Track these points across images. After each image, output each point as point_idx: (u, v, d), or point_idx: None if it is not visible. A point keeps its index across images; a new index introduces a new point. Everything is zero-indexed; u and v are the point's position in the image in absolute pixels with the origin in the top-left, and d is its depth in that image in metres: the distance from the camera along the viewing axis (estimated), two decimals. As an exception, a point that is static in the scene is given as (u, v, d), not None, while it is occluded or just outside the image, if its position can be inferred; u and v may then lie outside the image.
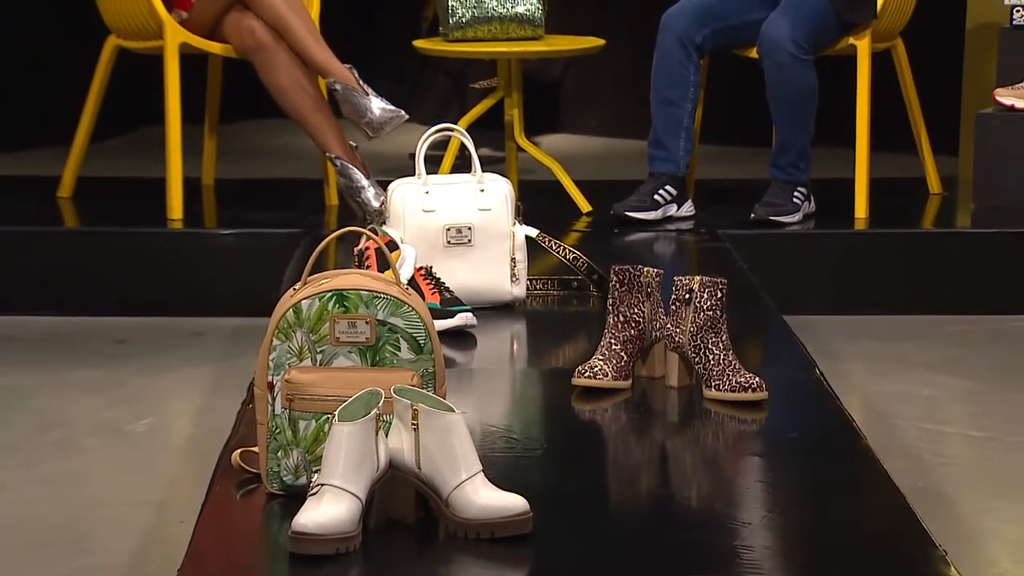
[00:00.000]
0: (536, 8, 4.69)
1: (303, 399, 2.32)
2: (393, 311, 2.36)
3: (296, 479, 2.33)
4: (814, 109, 4.43)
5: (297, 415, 2.33)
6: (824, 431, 2.73)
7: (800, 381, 2.99)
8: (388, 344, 2.36)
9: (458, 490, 2.19)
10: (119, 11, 4.55)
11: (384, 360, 2.36)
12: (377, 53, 5.78)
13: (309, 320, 2.35)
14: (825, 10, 4.40)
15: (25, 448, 3.42)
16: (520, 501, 2.20)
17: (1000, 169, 4.63)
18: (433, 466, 2.20)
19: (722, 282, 2.81)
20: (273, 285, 4.03)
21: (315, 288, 2.37)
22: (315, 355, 2.35)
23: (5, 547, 2.91)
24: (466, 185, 3.46)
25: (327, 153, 4.47)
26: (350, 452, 2.18)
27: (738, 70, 4.63)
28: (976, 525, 3.05)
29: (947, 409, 3.72)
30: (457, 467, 2.20)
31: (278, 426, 2.34)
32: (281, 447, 2.33)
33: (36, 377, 3.87)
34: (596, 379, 2.83)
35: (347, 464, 2.17)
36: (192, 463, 3.27)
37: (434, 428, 2.21)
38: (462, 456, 2.20)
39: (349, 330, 2.36)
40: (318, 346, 2.35)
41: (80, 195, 4.74)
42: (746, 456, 2.65)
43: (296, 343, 2.35)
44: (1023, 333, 4.23)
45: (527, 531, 2.18)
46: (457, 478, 2.20)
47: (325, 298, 2.35)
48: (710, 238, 4.35)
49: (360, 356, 2.36)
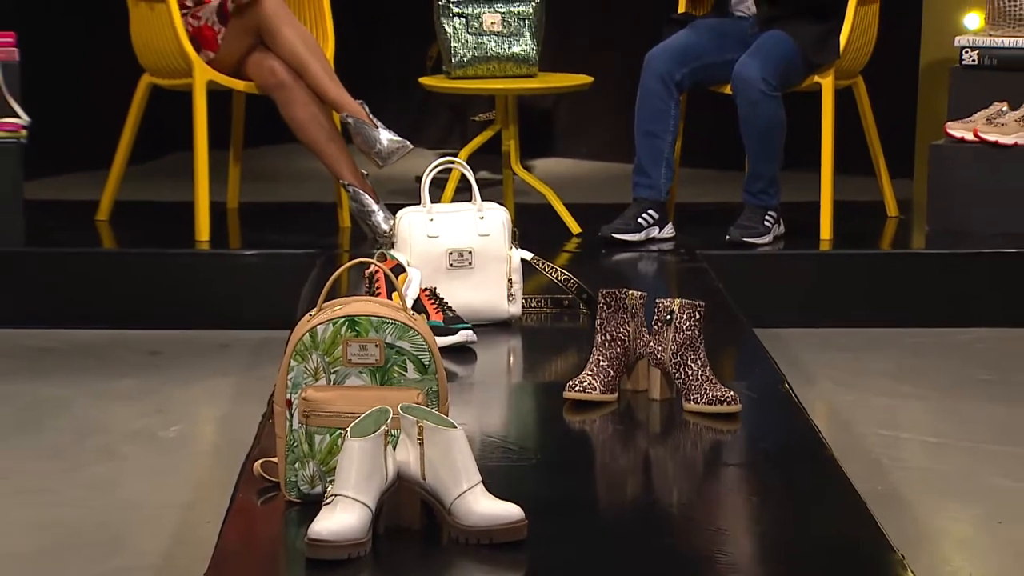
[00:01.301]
0: (531, 48, 4.69)
1: (318, 415, 2.32)
2: (400, 335, 2.35)
3: (312, 488, 2.31)
4: (782, 140, 4.43)
5: (313, 430, 2.32)
6: (792, 441, 2.71)
7: (771, 394, 2.97)
8: (396, 365, 2.35)
9: (459, 499, 2.18)
10: (152, 52, 4.55)
11: (392, 380, 2.35)
12: (386, 89, 5.77)
13: (324, 343, 2.34)
14: (792, 51, 4.40)
15: (66, 454, 3.40)
16: (516, 510, 2.19)
17: (951, 195, 4.61)
18: (437, 477, 2.20)
19: (700, 304, 2.80)
20: (292, 301, 4.03)
21: (329, 314, 2.35)
22: (329, 375, 2.35)
23: (47, 547, 2.90)
24: (467, 213, 3.45)
25: (340, 180, 4.46)
26: (361, 465, 2.17)
27: (715, 104, 4.62)
28: (930, 526, 3.04)
29: (904, 416, 3.70)
30: (459, 478, 2.19)
31: (296, 440, 2.33)
32: (298, 459, 2.32)
33: (76, 387, 3.85)
34: (585, 393, 2.82)
35: (358, 476, 2.17)
36: (218, 467, 3.25)
37: (438, 443, 2.20)
38: (463, 468, 2.20)
39: (360, 352, 2.35)
40: (332, 367, 2.34)
41: (116, 218, 4.73)
42: (722, 465, 2.65)
43: (312, 364, 2.34)
44: (972, 344, 4.21)
45: (523, 537, 2.17)
46: (459, 488, 2.19)
47: (338, 323, 2.34)
48: (689, 258, 4.34)
49: (370, 376, 2.35)
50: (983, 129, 4.59)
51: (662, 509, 2.44)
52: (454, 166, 3.58)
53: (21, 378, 3.92)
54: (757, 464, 2.63)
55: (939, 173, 4.65)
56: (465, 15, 4.68)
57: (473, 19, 4.69)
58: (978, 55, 4.72)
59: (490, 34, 4.68)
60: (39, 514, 3.06)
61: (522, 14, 4.69)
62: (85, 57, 5.49)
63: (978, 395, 3.81)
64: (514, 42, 4.69)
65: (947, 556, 2.89)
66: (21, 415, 3.66)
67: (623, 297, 2.84)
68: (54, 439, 3.50)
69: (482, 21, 4.68)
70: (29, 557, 2.87)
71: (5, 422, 3.61)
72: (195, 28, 4.51)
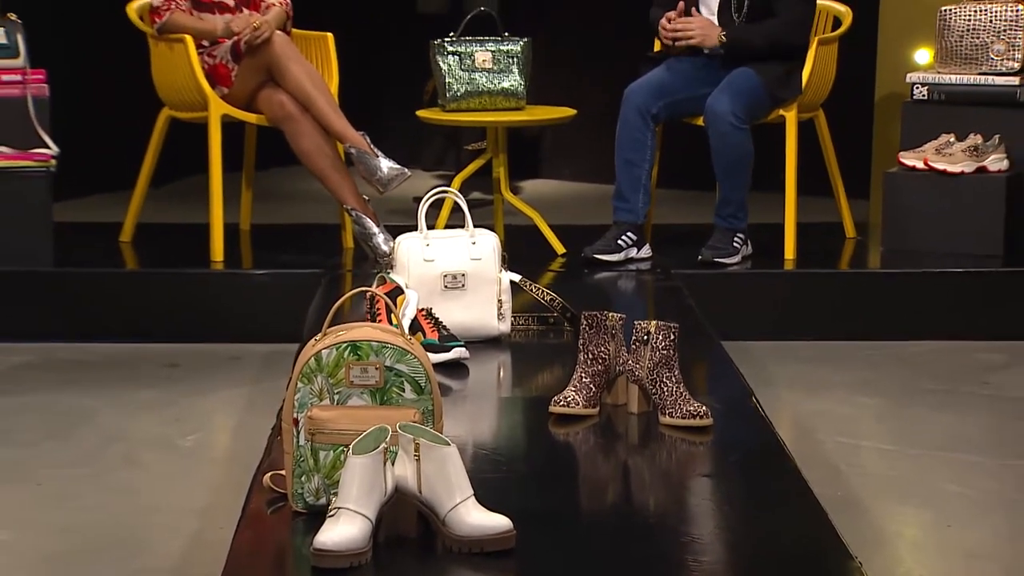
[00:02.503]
0: (519, 84, 4.69)
1: (323, 433, 2.30)
2: (398, 359, 2.34)
3: (317, 500, 2.30)
4: (750, 169, 4.42)
5: (318, 447, 2.30)
6: (759, 453, 2.70)
7: (739, 407, 2.95)
8: (394, 386, 2.34)
9: (453, 511, 2.17)
10: (171, 88, 4.53)
11: (391, 400, 2.34)
12: (386, 121, 5.76)
13: (328, 366, 2.33)
14: (759, 88, 4.39)
15: (91, 461, 3.38)
16: (505, 521, 2.18)
17: (904, 219, 4.61)
18: (432, 491, 2.19)
19: (674, 326, 2.79)
20: (299, 316, 3.99)
21: (333, 339, 2.34)
22: (333, 396, 2.33)
23: (73, 549, 2.89)
24: (460, 239, 3.44)
25: (344, 205, 4.44)
26: (362, 480, 2.16)
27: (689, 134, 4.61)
28: (885, 529, 3.03)
29: (861, 425, 3.68)
30: (452, 492, 2.18)
31: (302, 455, 2.31)
32: (304, 473, 2.31)
33: (101, 397, 3.83)
34: (569, 407, 2.81)
35: (359, 490, 2.16)
36: (231, 474, 3.23)
37: (433, 459, 2.19)
38: (456, 483, 2.19)
39: (361, 375, 2.34)
40: (335, 388, 2.33)
41: (138, 240, 4.71)
42: (694, 476, 2.63)
43: (317, 386, 2.33)
44: (923, 356, 4.20)
45: (511, 547, 2.16)
46: (452, 501, 2.18)
47: (341, 348, 2.33)
48: (664, 277, 4.32)
49: (371, 396, 2.34)
50: (933, 158, 4.59)
51: (640, 518, 2.42)
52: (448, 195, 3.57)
53: (51, 389, 3.91)
54: (727, 474, 2.61)
55: (893, 198, 4.65)
56: (458, 53, 4.68)
57: (466, 57, 4.68)
58: (928, 90, 4.72)
59: (481, 71, 4.68)
60: (67, 518, 3.04)
61: (511, 52, 4.69)
62: (111, 92, 5.48)
63: (928, 404, 3.80)
64: (503, 78, 4.68)
65: (900, 557, 2.88)
66: (51, 424, 3.64)
67: (604, 319, 2.83)
68: (81, 447, 3.48)
69: (474, 59, 4.68)
70: (58, 558, 2.86)
71: (36, 430, 3.60)
72: (210, 66, 4.49)
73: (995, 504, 3.15)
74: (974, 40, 4.65)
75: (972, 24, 4.66)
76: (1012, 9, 4.61)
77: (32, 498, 3.15)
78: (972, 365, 4.12)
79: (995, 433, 3.63)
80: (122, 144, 5.13)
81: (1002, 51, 4.63)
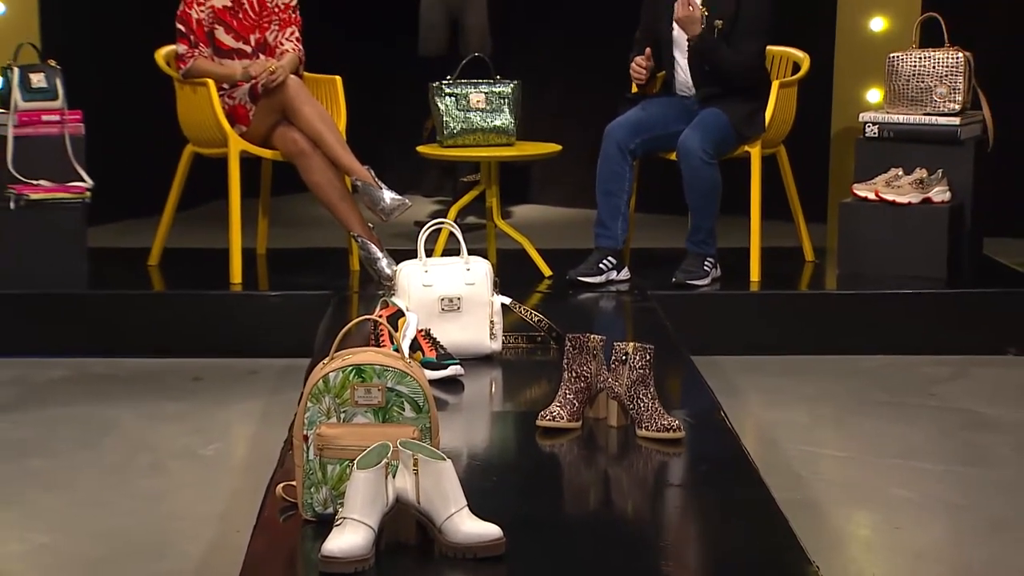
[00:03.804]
0: (510, 122, 4.68)
1: (330, 448, 2.29)
2: (399, 380, 2.33)
3: (325, 509, 2.29)
4: (718, 199, 4.41)
5: (326, 461, 2.29)
6: (726, 464, 2.68)
7: (709, 421, 2.94)
8: (395, 406, 2.33)
9: (448, 521, 2.16)
10: (195, 126, 4.52)
11: (392, 418, 2.33)
12: (389, 156, 5.74)
13: (335, 388, 2.32)
14: (726, 126, 4.39)
15: (120, 469, 3.36)
16: (496, 530, 2.16)
17: (858, 245, 4.59)
18: (429, 502, 2.17)
19: (650, 347, 2.78)
20: (310, 334, 3.99)
21: (339, 363, 2.33)
22: (339, 414, 2.32)
23: (103, 553, 2.86)
24: (456, 265, 3.42)
25: (351, 232, 4.43)
26: (366, 492, 2.15)
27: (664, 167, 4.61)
28: (841, 531, 3.01)
29: (819, 434, 3.67)
30: (448, 503, 2.17)
31: (311, 468, 2.30)
32: (313, 484, 2.30)
33: (129, 408, 3.81)
34: (555, 421, 2.79)
35: (363, 502, 2.15)
36: (247, 481, 3.20)
37: (430, 473, 2.18)
38: (451, 494, 2.18)
39: (365, 395, 2.33)
40: (341, 407, 2.32)
41: (165, 263, 4.69)
42: (668, 485, 2.62)
43: (325, 405, 2.32)
44: (875, 370, 4.19)
45: (501, 553, 2.15)
46: (448, 511, 2.17)
47: (347, 371, 2.32)
48: (641, 298, 4.31)
49: (374, 415, 2.33)
50: (883, 190, 4.58)
51: (619, 524, 2.41)
52: (444, 225, 3.56)
53: (84, 401, 3.89)
54: (697, 484, 2.60)
55: (847, 226, 4.64)
56: (455, 94, 4.67)
57: (461, 98, 4.67)
58: (878, 128, 4.71)
59: (476, 110, 4.67)
60: (96, 523, 3.02)
61: (502, 94, 4.68)
62: (141, 129, 5.46)
63: (880, 415, 3.78)
64: (496, 117, 4.67)
65: (855, 557, 2.86)
66: (83, 434, 3.61)
67: (586, 340, 2.82)
68: (110, 455, 3.46)
69: (469, 100, 4.67)
70: (88, 561, 2.83)
71: (70, 440, 3.57)
72: (230, 107, 4.48)
73: (941, 508, 3.14)
74: (919, 84, 4.65)
75: (917, 69, 4.66)
76: (953, 56, 4.61)
77: (67, 504, 3.13)
78: (920, 378, 4.10)
79: (941, 442, 3.61)
80: (150, 176, 5.11)
81: (944, 94, 4.63)
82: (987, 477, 3.31)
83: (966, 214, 4.63)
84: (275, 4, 4.57)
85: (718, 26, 4.37)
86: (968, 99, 4.64)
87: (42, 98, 4.50)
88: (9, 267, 4.35)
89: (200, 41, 4.47)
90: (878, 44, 5.03)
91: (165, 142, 4.80)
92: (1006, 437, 3.60)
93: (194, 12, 4.46)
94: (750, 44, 4.39)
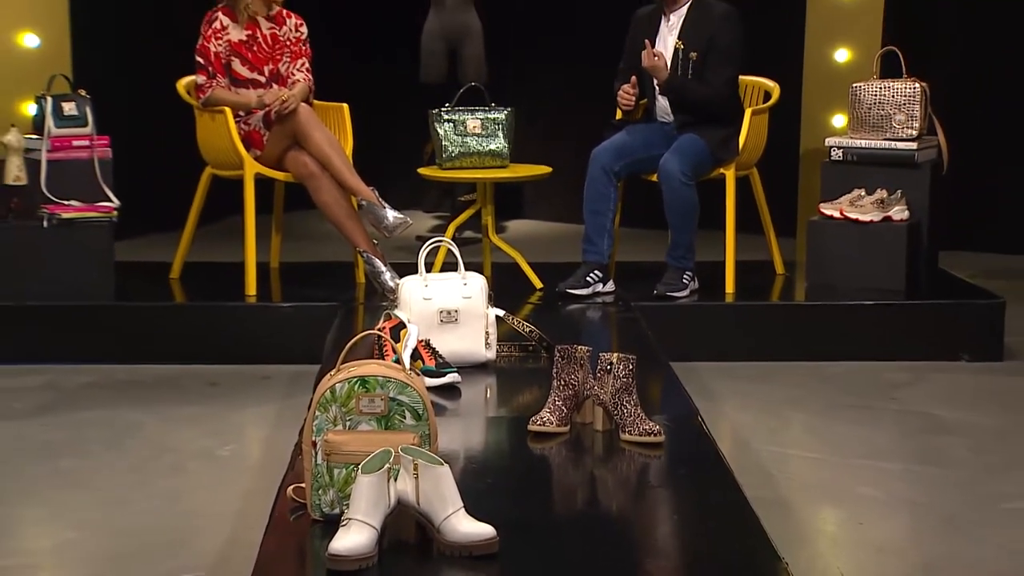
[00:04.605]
0: (504, 146, 4.68)
1: (337, 454, 2.27)
2: (400, 391, 2.32)
3: (332, 510, 2.27)
4: (696, 218, 4.40)
5: (333, 465, 2.28)
6: (703, 466, 2.66)
7: (687, 426, 2.92)
8: (397, 414, 2.31)
9: (446, 521, 2.15)
10: (213, 150, 4.51)
11: (394, 425, 2.31)
12: (392, 177, 5.74)
13: (341, 398, 2.31)
14: (703, 150, 4.39)
15: (143, 469, 3.34)
16: (490, 530, 2.15)
17: (824, 259, 4.59)
18: (428, 504, 2.16)
19: (632, 357, 2.76)
20: (319, 342, 3.98)
21: (345, 375, 2.32)
22: (345, 422, 2.31)
23: (126, 549, 2.84)
24: (453, 280, 3.41)
25: (356, 248, 4.41)
26: (369, 495, 2.14)
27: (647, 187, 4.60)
28: (809, 527, 3.00)
29: (790, 435, 3.65)
30: (445, 505, 2.16)
31: (319, 472, 2.28)
32: (321, 487, 2.28)
33: (150, 412, 3.79)
34: (545, 426, 2.78)
35: (367, 504, 2.13)
36: (260, 481, 3.18)
37: (429, 477, 2.16)
38: (449, 497, 2.16)
39: (369, 404, 2.31)
40: (347, 416, 2.31)
41: (185, 276, 4.68)
42: (649, 486, 2.60)
43: (332, 414, 2.31)
44: (841, 376, 4.17)
45: (496, 551, 2.14)
46: (445, 512, 2.15)
47: (352, 382, 2.31)
48: (625, 309, 4.29)
49: (377, 423, 2.31)
50: (847, 209, 4.58)
51: (604, 522, 2.39)
52: (443, 243, 3.54)
53: (110, 405, 3.87)
54: (676, 485, 2.58)
55: (815, 242, 4.63)
56: (453, 120, 4.66)
57: (459, 124, 4.66)
58: (843, 152, 4.71)
59: (472, 135, 4.66)
60: (120, 520, 3.00)
61: (497, 120, 4.67)
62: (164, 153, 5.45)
63: (846, 418, 3.77)
64: (491, 141, 4.66)
65: (821, 552, 2.84)
66: (109, 436, 3.60)
67: (574, 351, 2.80)
68: (133, 456, 3.44)
69: (466, 125, 4.66)
70: (112, 556, 2.81)
71: (97, 442, 3.55)
72: (245, 132, 4.47)
73: (902, 505, 3.12)
74: (880, 111, 4.65)
75: (878, 98, 4.65)
76: (910, 86, 4.61)
77: (93, 502, 3.11)
78: (882, 383, 4.09)
79: (901, 443, 3.60)
80: (172, 195, 5.10)
81: (903, 121, 4.62)
82: (944, 476, 3.30)
83: (923, 231, 4.62)
84: (287, 37, 4.55)
85: (692, 58, 4.37)
86: (924, 126, 4.64)
87: (73, 125, 4.49)
88: (42, 281, 4.34)
89: (218, 72, 4.45)
90: (842, 74, 5.03)
91: (186, 165, 4.79)
92: (962, 438, 3.58)
93: (212, 45, 4.45)
94: (721, 74, 4.39)
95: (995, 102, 5.80)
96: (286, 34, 4.55)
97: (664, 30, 4.47)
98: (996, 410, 3.83)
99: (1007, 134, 5.81)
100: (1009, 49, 5.77)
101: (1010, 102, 5.79)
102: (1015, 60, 5.76)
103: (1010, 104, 5.79)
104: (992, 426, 3.69)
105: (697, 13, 4.41)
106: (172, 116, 4.88)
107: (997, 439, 3.58)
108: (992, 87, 5.80)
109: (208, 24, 4.47)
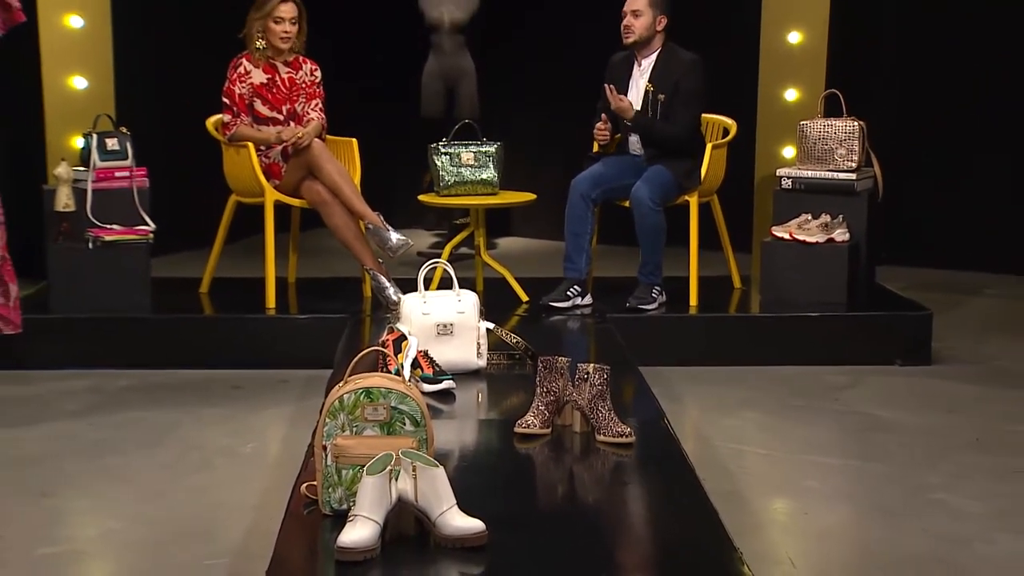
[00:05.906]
0: (494, 176, 4.67)
1: (345, 457, 2.27)
2: (401, 400, 2.31)
3: (340, 506, 2.27)
4: (663, 239, 4.40)
5: (341, 466, 2.27)
6: (668, 465, 2.65)
7: (655, 428, 2.92)
8: (398, 421, 2.31)
9: (441, 517, 2.14)
10: (237, 180, 4.50)
11: (395, 431, 2.31)
12: (396, 203, 5.73)
13: (348, 406, 2.30)
14: (670, 180, 4.39)
15: (174, 466, 3.33)
16: (480, 524, 2.15)
17: (776, 276, 4.59)
18: (425, 501, 2.16)
19: (607, 368, 2.76)
20: (331, 350, 3.97)
21: (352, 386, 2.32)
22: (351, 428, 2.31)
23: (159, 538, 2.83)
24: (449, 297, 3.41)
25: (364, 266, 4.41)
26: (373, 493, 2.13)
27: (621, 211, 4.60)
28: (763, 517, 2.99)
29: (745, 433, 3.64)
30: (440, 502, 2.15)
31: (329, 473, 2.28)
32: (331, 485, 2.28)
33: (182, 413, 3.77)
34: (529, 429, 2.78)
35: (371, 501, 2.13)
36: (278, 477, 3.17)
37: (426, 477, 2.16)
38: (443, 495, 2.16)
39: (373, 412, 2.31)
40: (353, 423, 2.30)
41: (213, 290, 4.66)
42: (621, 483, 2.59)
43: (340, 421, 2.31)
44: (790, 379, 4.17)
45: (484, 543, 2.13)
46: (440, 509, 2.15)
47: (358, 392, 2.31)
48: (601, 320, 4.29)
49: (380, 429, 2.31)
50: (796, 232, 4.58)
51: (581, 516, 2.39)
52: (439, 265, 3.54)
53: (144, 406, 3.85)
54: (645, 482, 2.58)
55: (768, 260, 4.63)
56: (449, 153, 4.66)
57: (455, 156, 4.66)
58: (792, 181, 4.71)
59: (466, 166, 4.65)
60: (153, 512, 2.98)
61: (488, 152, 4.67)
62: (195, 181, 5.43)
63: (794, 417, 3.76)
64: (482, 171, 4.66)
65: (773, 540, 2.84)
66: (143, 434, 3.58)
67: (555, 362, 2.80)
68: (165, 453, 3.42)
69: (461, 158, 4.65)
70: (148, 544, 2.80)
71: (132, 440, 3.54)
72: (266, 164, 4.46)
73: (842, 496, 3.12)
74: (824, 146, 4.65)
75: (822, 134, 4.66)
76: (850, 124, 4.62)
77: (132, 495, 3.10)
78: (826, 385, 4.09)
79: (843, 440, 3.59)
80: (202, 218, 5.09)
81: (843, 154, 4.63)
82: (880, 470, 3.29)
83: (861, 250, 4.63)
84: (303, 81, 4.55)
85: (661, 99, 4.38)
86: (863, 159, 4.65)
87: (115, 159, 4.47)
88: (87, 295, 4.32)
89: (241, 111, 4.45)
90: (792, 112, 5.04)
91: (214, 192, 4.77)
92: (896, 436, 3.58)
93: (237, 88, 4.45)
94: (686, 113, 4.39)
95: (925, 137, 5.82)
96: (302, 78, 4.54)
97: (636, 73, 4.48)
98: (925, 410, 3.84)
99: (934, 165, 5.83)
100: (939, 90, 5.80)
101: (938, 137, 5.82)
102: (944, 100, 5.79)
103: (938, 139, 5.82)
104: (921, 424, 3.69)
105: (666, 59, 4.42)
106: (202, 150, 4.88)
107: (925, 436, 3.58)
108: (923, 123, 5.82)
109: (233, 69, 4.47)
